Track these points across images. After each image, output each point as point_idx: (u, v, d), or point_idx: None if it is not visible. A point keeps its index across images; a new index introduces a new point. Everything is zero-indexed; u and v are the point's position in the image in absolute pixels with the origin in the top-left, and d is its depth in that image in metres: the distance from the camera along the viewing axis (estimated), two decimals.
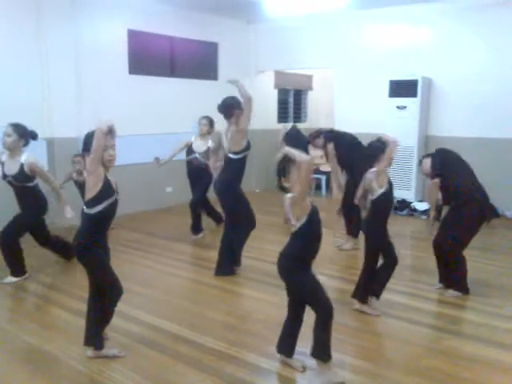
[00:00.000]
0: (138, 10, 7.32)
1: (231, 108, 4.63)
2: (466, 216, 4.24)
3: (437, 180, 4.31)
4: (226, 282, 4.70)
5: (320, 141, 5.71)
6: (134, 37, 7.41)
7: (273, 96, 10.01)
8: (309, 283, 2.98)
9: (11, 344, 3.48)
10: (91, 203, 2.98)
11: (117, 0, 7.02)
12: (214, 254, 5.08)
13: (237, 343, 3.47)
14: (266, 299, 4.30)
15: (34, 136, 4.53)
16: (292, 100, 10.58)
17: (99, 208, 2.98)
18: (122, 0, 7.06)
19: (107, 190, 3.01)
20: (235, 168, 4.73)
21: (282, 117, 10.25)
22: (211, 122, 6.15)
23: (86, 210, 3.01)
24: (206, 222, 6.52)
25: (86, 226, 3.06)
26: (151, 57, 7.80)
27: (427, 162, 4.40)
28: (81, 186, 5.87)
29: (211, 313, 4.01)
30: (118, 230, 6.24)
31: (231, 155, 4.70)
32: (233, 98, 4.70)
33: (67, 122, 6.48)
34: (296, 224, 2.86)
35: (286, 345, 3.17)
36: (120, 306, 3.35)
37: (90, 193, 2.98)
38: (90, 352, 3.22)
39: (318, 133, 5.78)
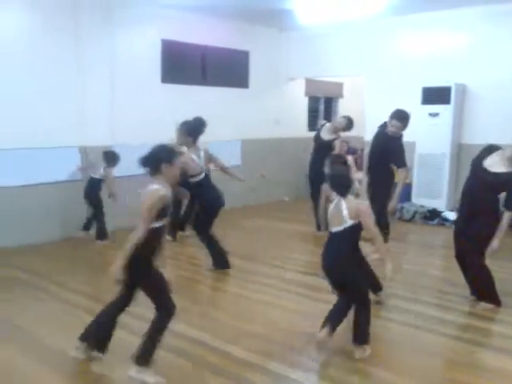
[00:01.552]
0: (171, 20, 7.47)
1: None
2: (485, 225, 4.12)
3: None
4: (249, 291, 4.72)
5: None
6: (167, 46, 7.56)
7: (303, 104, 10.02)
8: (360, 278, 3.46)
9: (39, 349, 3.58)
10: None
11: (151, 11, 7.18)
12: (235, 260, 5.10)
13: (261, 351, 3.47)
14: (290, 307, 4.30)
15: None
16: (323, 108, 10.56)
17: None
18: (155, 11, 7.22)
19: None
20: None
21: (313, 125, 10.23)
22: None
23: None
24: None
25: None
26: (183, 65, 7.94)
27: None
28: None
29: (234, 321, 4.03)
30: None
31: None
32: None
33: (101, 130, 6.65)
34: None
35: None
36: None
37: None
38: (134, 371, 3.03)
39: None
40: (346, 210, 3.29)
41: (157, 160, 2.95)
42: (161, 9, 7.21)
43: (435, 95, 7.56)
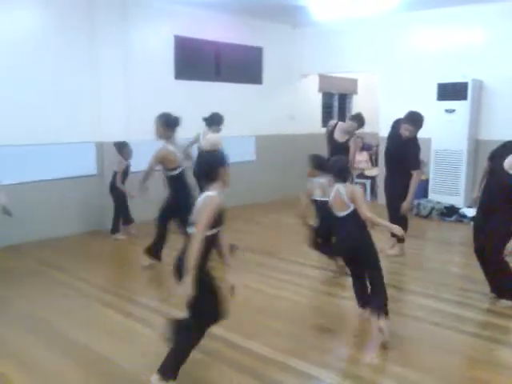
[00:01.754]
0: (184, 17, 7.46)
1: None
2: (503, 221, 4.05)
3: None
4: (267, 286, 4.70)
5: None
6: (181, 42, 7.55)
7: (317, 100, 9.97)
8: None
9: (63, 342, 3.60)
10: None
11: (164, 8, 7.18)
12: (252, 256, 5.09)
13: (281, 347, 3.44)
14: (308, 303, 4.27)
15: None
16: (337, 104, 10.49)
17: None
18: (169, 7, 7.21)
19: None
20: None
21: (327, 121, 10.16)
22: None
23: None
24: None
25: None
26: (197, 62, 7.92)
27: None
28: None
29: (254, 316, 4.01)
30: None
31: None
32: None
33: (116, 126, 6.67)
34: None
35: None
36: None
37: None
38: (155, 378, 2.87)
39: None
40: (344, 194, 3.61)
41: (215, 167, 2.90)
42: (174, 5, 7.21)
43: (451, 91, 7.47)
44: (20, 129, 5.87)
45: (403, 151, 5.31)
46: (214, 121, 6.27)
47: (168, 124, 4.97)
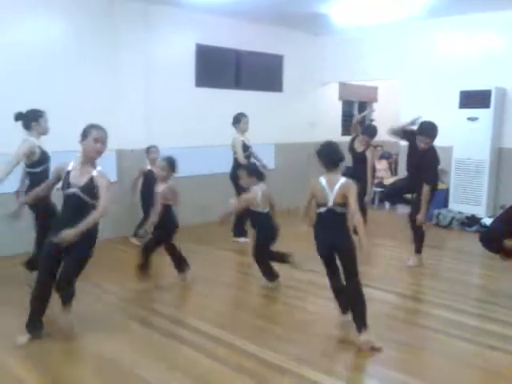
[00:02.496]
0: (206, 25, 7.53)
1: None
2: None
3: None
4: (283, 295, 4.68)
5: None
6: (202, 50, 7.61)
7: (337, 108, 9.93)
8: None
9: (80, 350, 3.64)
10: None
11: (186, 16, 7.25)
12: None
13: (294, 356, 3.42)
14: (323, 312, 4.24)
15: None
16: (357, 112, 10.43)
17: None
18: (191, 16, 7.29)
19: None
20: None
21: (347, 129, 10.13)
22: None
23: None
24: None
25: None
26: (217, 69, 7.97)
27: None
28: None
29: (268, 325, 4.00)
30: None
31: None
32: None
33: (136, 133, 6.75)
34: None
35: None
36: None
37: None
38: None
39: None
40: (337, 184, 3.52)
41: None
42: (196, 14, 7.28)
43: (474, 99, 7.37)
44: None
45: (420, 163, 5.27)
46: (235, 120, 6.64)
47: None
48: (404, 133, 5.55)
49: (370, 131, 6.66)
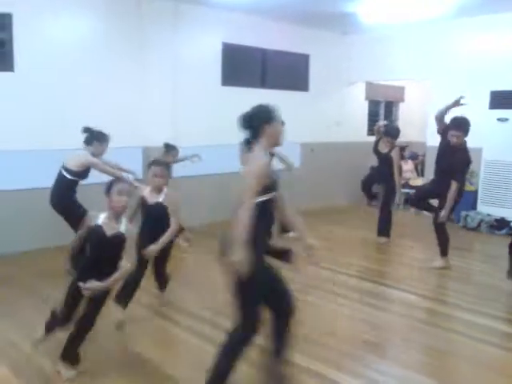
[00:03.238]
0: (232, 24, 7.55)
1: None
2: None
3: None
4: (307, 296, 4.66)
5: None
6: (228, 49, 7.64)
7: (363, 108, 9.85)
8: None
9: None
10: None
11: (213, 15, 7.29)
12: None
13: (321, 359, 3.41)
14: (349, 314, 4.21)
15: None
16: (383, 112, 10.33)
17: None
18: (218, 15, 7.32)
19: None
20: None
21: (372, 129, 10.03)
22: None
23: None
24: None
25: None
26: (244, 68, 7.99)
27: None
28: None
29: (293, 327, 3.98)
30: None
31: None
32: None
33: (164, 131, 6.80)
34: None
35: None
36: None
37: None
38: None
39: None
40: None
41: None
42: (223, 13, 7.31)
43: (505, 99, 7.23)
44: (75, 131, 6.02)
45: (451, 161, 5.18)
46: None
47: None
48: (441, 122, 5.45)
49: (393, 132, 6.61)
